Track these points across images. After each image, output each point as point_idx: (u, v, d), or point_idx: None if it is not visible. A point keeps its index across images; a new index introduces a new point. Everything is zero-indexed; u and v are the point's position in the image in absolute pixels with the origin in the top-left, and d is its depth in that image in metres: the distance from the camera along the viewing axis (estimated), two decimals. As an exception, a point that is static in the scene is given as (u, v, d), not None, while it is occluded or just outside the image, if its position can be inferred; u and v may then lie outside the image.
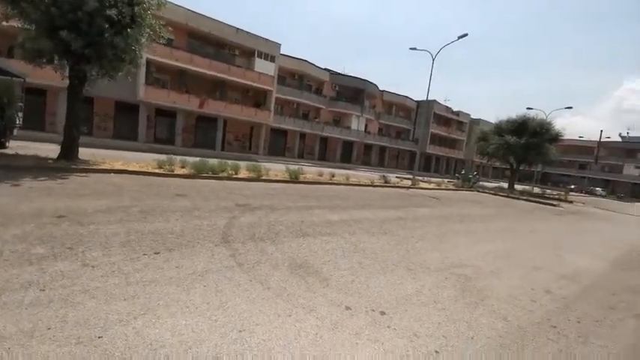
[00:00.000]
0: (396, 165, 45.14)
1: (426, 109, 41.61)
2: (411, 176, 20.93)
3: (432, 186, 19.46)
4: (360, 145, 39.69)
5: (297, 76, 33.40)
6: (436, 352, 2.45)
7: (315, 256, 4.23)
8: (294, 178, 12.39)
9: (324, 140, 36.62)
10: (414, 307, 3.16)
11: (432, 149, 46.61)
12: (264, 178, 11.54)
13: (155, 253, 3.55)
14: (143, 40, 9.12)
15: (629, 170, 56.36)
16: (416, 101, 45.47)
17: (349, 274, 3.75)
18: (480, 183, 26.32)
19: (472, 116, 52.84)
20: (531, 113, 26.99)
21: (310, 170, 15.74)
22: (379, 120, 42.01)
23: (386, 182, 16.44)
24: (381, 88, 41.10)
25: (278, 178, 12.00)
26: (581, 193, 45.53)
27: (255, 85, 27.25)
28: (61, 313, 2.25)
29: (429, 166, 48.60)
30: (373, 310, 2.95)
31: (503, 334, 2.87)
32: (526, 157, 25.47)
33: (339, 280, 3.55)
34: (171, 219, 5.00)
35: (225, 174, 10.87)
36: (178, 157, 11.15)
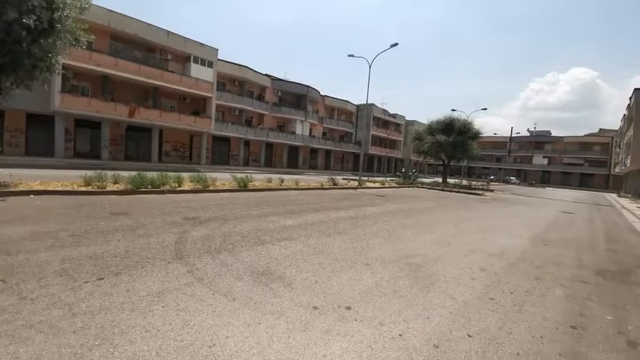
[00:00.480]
0: (341, 167, 46.64)
1: (365, 112, 43.88)
2: (356, 177, 21.83)
3: (376, 185, 20.53)
4: (306, 149, 40.19)
5: (238, 82, 32.71)
6: (400, 335, 2.65)
7: (276, 262, 4.23)
8: (244, 187, 12.10)
9: (270, 146, 36.36)
10: (376, 298, 3.36)
11: (373, 150, 49.15)
12: (211, 188, 11.06)
13: (99, 279, 3.23)
14: (62, 46, 8.23)
15: (538, 160, 66.12)
16: (356, 105, 47.63)
17: (312, 276, 3.83)
18: (419, 179, 28.51)
19: (407, 118, 57.03)
20: (455, 114, 30.24)
21: (258, 177, 15.50)
22: (323, 124, 43.05)
23: (334, 184, 16.92)
24: (322, 93, 42.18)
25: (226, 188, 11.61)
26: (500, 182, 51.98)
27: (192, 91, 25.98)
28: (11, 350, 2.03)
29: (372, 166, 51.18)
30: (339, 307, 3.08)
31: (453, 311, 3.22)
32: (454, 153, 28.42)
33: (303, 282, 3.62)
34: (112, 240, 4.56)
35: (167, 187, 10.18)
36: (109, 172, 10.14)
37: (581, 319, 3.29)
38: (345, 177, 25.31)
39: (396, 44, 20.51)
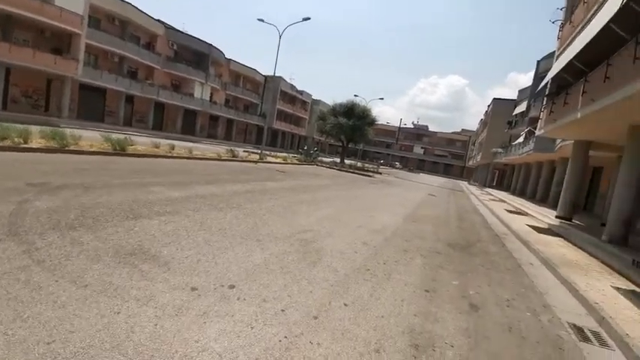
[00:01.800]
0: (243, 139, 44.75)
1: (273, 84, 42.70)
2: (259, 151, 21.28)
3: (278, 160, 20.49)
4: (205, 115, 36.87)
5: (119, 22, 26.95)
6: (282, 310, 2.66)
7: (151, 239, 3.69)
8: (120, 150, 10.26)
9: (161, 107, 31.85)
10: (263, 275, 3.29)
11: (278, 125, 48.70)
12: (72, 148, 8.98)
13: None
14: None
15: (417, 150, 77.68)
16: (264, 75, 45.74)
17: (195, 254, 3.49)
18: (320, 158, 29.80)
19: (314, 96, 58.18)
20: (357, 100, 32.37)
21: (142, 141, 13.41)
22: (226, 90, 40.02)
23: (234, 156, 16.09)
24: (227, 56, 38.89)
25: (95, 150, 9.62)
26: (387, 166, 59.07)
27: (54, 23, 20.16)
28: None
29: (276, 141, 50.84)
30: (222, 286, 2.88)
31: (335, 283, 3.42)
32: (353, 136, 30.63)
33: (183, 261, 3.26)
34: None
35: (8, 142, 7.80)
36: None
37: (434, 284, 3.96)
38: (246, 150, 24.41)
39: (308, 18, 20.24)
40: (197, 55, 34.46)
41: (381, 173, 30.06)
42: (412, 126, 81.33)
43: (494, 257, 5.89)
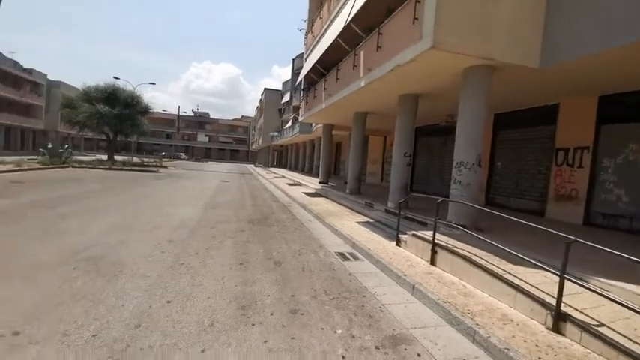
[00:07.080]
0: None
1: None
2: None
3: (7, 167, 14.42)
4: None
5: None
6: (94, 336, 2.32)
7: None
8: None
9: None
10: (49, 310, 2.62)
11: (-11, 116, 33.26)
12: None
13: None
14: None
15: (201, 138, 75.39)
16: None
17: None
18: (74, 157, 23.29)
19: (50, 77, 43.49)
20: (120, 83, 27.17)
21: None
22: None
23: None
24: None
25: None
26: (171, 158, 54.35)
27: None
28: None
29: (-10, 139, 34.68)
30: (2, 336, 2.10)
31: (149, 288, 3.23)
32: (122, 127, 25.63)
33: None
34: None
35: None
36: None
37: (245, 257, 4.50)
38: None
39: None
40: None
41: (166, 167, 27.51)
42: (192, 114, 78.18)
43: (285, 222, 7.23)
